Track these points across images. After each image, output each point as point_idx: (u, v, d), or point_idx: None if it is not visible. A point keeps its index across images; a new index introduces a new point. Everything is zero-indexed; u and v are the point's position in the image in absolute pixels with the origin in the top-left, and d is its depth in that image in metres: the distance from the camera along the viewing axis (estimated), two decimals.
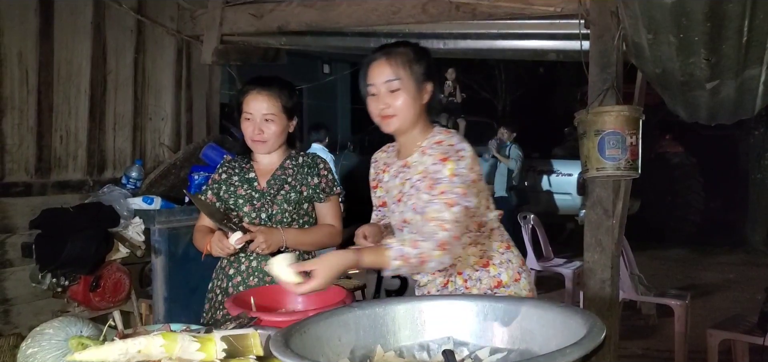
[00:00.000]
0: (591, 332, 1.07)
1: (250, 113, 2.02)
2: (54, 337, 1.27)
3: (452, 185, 1.55)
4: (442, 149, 1.61)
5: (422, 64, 1.66)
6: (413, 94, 1.64)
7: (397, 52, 1.65)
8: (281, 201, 2.02)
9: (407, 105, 1.64)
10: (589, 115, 2.62)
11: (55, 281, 2.99)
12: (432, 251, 1.49)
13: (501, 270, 1.69)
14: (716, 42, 1.90)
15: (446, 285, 1.69)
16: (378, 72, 1.65)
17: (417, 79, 1.64)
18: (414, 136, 1.69)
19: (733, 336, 3.37)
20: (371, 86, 1.67)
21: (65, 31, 3.27)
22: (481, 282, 1.68)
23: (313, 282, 1.43)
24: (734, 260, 7.64)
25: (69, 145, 3.35)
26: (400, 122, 1.66)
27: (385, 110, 1.65)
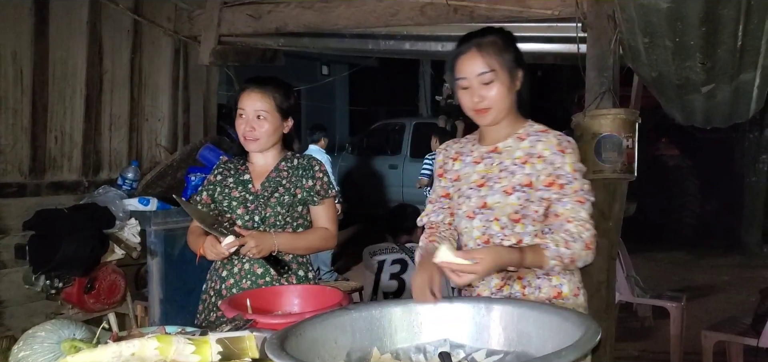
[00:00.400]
0: (587, 334, 1.08)
1: (242, 109, 2.01)
2: (46, 340, 1.26)
3: (579, 182, 1.57)
4: (556, 139, 1.59)
5: (511, 51, 1.59)
6: (507, 83, 1.57)
7: (488, 41, 1.57)
8: (275, 203, 2.01)
9: (502, 96, 1.57)
10: (585, 118, 2.62)
11: (49, 283, 2.97)
12: (581, 251, 1.52)
13: (563, 281, 1.62)
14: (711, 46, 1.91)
15: (502, 289, 1.62)
16: (469, 64, 1.57)
17: (509, 68, 1.58)
18: (506, 125, 1.63)
19: (727, 337, 3.38)
20: (463, 79, 1.59)
21: (61, 31, 3.26)
22: (540, 290, 1.61)
23: (477, 267, 1.40)
24: (729, 262, 7.67)
25: (64, 146, 3.33)
26: (496, 114, 1.59)
27: (480, 103, 1.58)
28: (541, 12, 2.83)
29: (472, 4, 2.95)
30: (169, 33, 3.80)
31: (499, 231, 1.60)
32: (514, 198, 1.58)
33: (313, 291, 1.84)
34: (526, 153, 1.60)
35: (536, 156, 1.59)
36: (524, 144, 1.61)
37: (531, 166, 1.58)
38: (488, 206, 1.60)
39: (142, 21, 3.63)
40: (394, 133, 9.68)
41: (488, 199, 1.60)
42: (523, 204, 1.58)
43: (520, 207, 1.58)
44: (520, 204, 1.58)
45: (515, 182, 1.59)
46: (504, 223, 1.59)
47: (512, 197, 1.58)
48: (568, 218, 1.54)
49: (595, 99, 2.65)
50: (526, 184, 1.58)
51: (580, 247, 1.52)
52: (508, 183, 1.59)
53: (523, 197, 1.57)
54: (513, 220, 1.59)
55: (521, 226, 1.59)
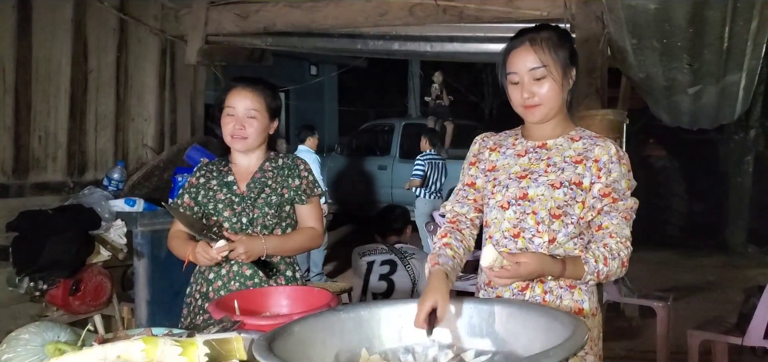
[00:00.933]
0: (574, 334, 1.08)
1: (232, 107, 1.98)
2: (30, 342, 1.23)
3: (630, 199, 1.55)
4: (615, 147, 1.55)
5: (566, 48, 1.55)
6: (560, 81, 1.52)
7: (542, 36, 1.54)
8: (262, 204, 1.99)
9: (554, 93, 1.52)
10: (573, 119, 2.63)
11: (33, 285, 2.92)
12: (617, 269, 1.51)
13: (585, 298, 1.57)
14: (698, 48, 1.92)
15: (524, 292, 1.57)
16: (521, 58, 1.53)
17: (563, 65, 1.53)
18: (556, 123, 1.59)
19: (712, 336, 3.42)
20: (513, 74, 1.55)
21: (44, 29, 3.21)
22: (561, 300, 1.56)
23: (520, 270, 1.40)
24: (715, 262, 7.76)
25: (48, 146, 3.29)
26: (547, 111, 1.54)
27: (530, 99, 1.54)
28: (530, 13, 2.84)
29: (461, 4, 2.96)
30: (155, 32, 3.77)
31: (533, 226, 1.54)
32: (561, 192, 1.52)
33: (301, 292, 1.83)
34: (580, 154, 1.55)
35: (592, 159, 1.53)
36: (577, 145, 1.56)
37: (585, 167, 1.53)
38: (528, 198, 1.55)
39: (129, 20, 3.60)
40: (383, 134, 9.67)
41: (530, 191, 1.55)
42: (568, 201, 1.53)
43: (565, 203, 1.53)
44: (565, 200, 1.52)
45: (564, 178, 1.53)
46: (541, 218, 1.54)
47: (559, 191, 1.52)
48: (612, 233, 1.52)
49: (582, 100, 2.67)
50: (575, 183, 1.53)
51: (617, 265, 1.50)
52: (557, 178, 1.54)
53: (570, 194, 1.53)
54: (553, 216, 1.53)
55: (559, 223, 1.53)
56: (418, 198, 6.86)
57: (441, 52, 3.42)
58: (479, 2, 2.93)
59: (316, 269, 6.13)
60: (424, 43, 3.38)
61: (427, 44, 3.37)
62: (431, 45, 3.36)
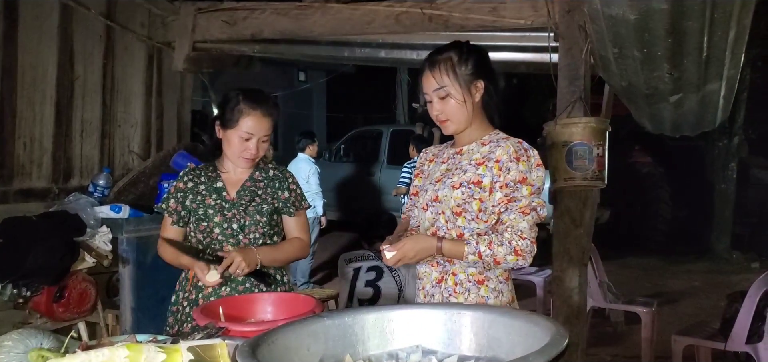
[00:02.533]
0: (553, 339, 1.09)
1: (250, 134, 1.98)
2: (13, 349, 1.23)
3: (525, 194, 1.64)
4: (513, 146, 1.67)
5: (468, 64, 1.70)
6: (462, 96, 1.69)
7: (440, 59, 1.71)
8: (253, 212, 2.01)
9: (457, 108, 1.70)
10: (557, 127, 2.67)
11: (17, 292, 2.89)
12: (507, 256, 1.62)
13: (490, 296, 1.71)
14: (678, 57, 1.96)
15: (440, 283, 1.74)
16: (426, 82, 1.73)
17: (464, 81, 1.69)
18: (472, 130, 1.75)
19: (696, 341, 3.46)
20: (425, 95, 1.74)
21: (30, 35, 3.20)
22: (469, 293, 1.71)
23: (397, 254, 1.65)
24: (700, 268, 7.84)
25: (33, 152, 3.27)
26: (456, 125, 1.73)
27: (439, 115, 1.73)
28: (514, 21, 2.88)
29: (446, 13, 2.99)
30: (142, 39, 3.76)
31: (444, 224, 1.71)
32: (459, 192, 1.68)
33: (286, 298, 1.83)
34: (484, 156, 1.69)
35: (494, 160, 1.67)
36: (484, 149, 1.71)
37: (485, 167, 1.67)
38: (439, 199, 1.72)
39: (115, 26, 3.59)
40: (371, 140, 9.68)
41: (439, 193, 1.72)
42: (466, 199, 1.67)
43: (463, 201, 1.68)
44: (463, 198, 1.68)
45: (464, 179, 1.69)
46: (448, 216, 1.70)
47: (457, 191, 1.68)
48: (508, 226, 1.64)
49: (566, 107, 2.71)
50: (473, 182, 1.68)
51: (506, 252, 1.62)
52: (458, 180, 1.69)
53: (468, 193, 1.67)
54: (455, 213, 1.69)
55: (462, 220, 1.68)
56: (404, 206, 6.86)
57: None
58: (464, 11, 2.97)
59: (303, 278, 6.10)
60: (410, 51, 3.40)
61: (414, 52, 3.40)
62: (417, 53, 3.38)
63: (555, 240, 2.81)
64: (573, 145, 2.59)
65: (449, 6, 3.00)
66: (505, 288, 1.74)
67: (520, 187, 1.64)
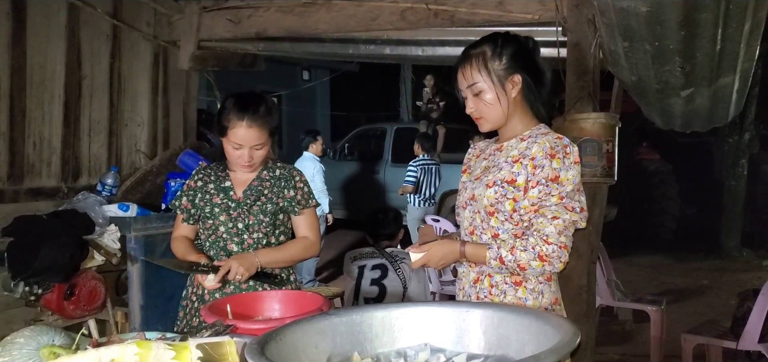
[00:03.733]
0: (565, 337, 1.08)
1: (238, 144, 1.97)
2: (25, 346, 1.24)
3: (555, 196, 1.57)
4: (550, 142, 1.58)
5: (503, 58, 1.62)
6: (495, 93, 1.62)
7: (472, 55, 1.65)
8: (257, 211, 2.01)
9: (492, 105, 1.63)
10: (565, 122, 2.65)
11: (28, 289, 2.91)
12: (531, 261, 1.56)
13: (529, 297, 1.64)
14: (690, 50, 1.93)
15: (476, 283, 1.70)
16: (460, 79, 1.68)
17: (498, 76, 1.62)
18: (513, 125, 1.67)
19: (706, 340, 3.43)
20: (460, 92, 1.70)
21: (39, 35, 3.21)
22: (505, 295, 1.65)
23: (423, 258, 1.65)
24: (709, 266, 7.78)
25: (42, 152, 3.28)
26: (491, 122, 1.67)
27: (474, 113, 1.67)
28: (521, 16, 2.86)
29: (452, 8, 2.97)
30: (148, 38, 3.77)
31: (480, 224, 1.67)
32: (492, 191, 1.62)
33: (293, 296, 1.83)
34: (521, 153, 1.62)
35: (529, 157, 1.59)
36: (523, 145, 1.63)
37: (521, 165, 1.60)
38: (475, 198, 1.67)
39: (122, 26, 3.59)
40: (375, 138, 9.68)
41: (476, 191, 1.67)
42: (499, 199, 1.61)
43: (496, 201, 1.61)
44: (495, 198, 1.61)
45: (499, 177, 1.62)
46: (483, 216, 1.65)
47: (490, 190, 1.62)
48: (534, 230, 1.58)
49: (574, 103, 2.68)
50: (508, 181, 1.61)
51: (530, 258, 1.56)
52: (492, 178, 1.63)
53: (501, 192, 1.61)
54: (489, 213, 1.63)
55: (495, 220, 1.63)
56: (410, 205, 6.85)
57: (432, 56, 3.42)
58: (470, 6, 2.95)
59: (309, 276, 6.11)
60: (415, 47, 3.38)
61: (419, 48, 3.38)
62: (423, 49, 3.37)
63: None
64: (582, 140, 2.56)
65: (455, 1, 2.98)
66: (546, 288, 1.66)
67: (551, 186, 1.57)
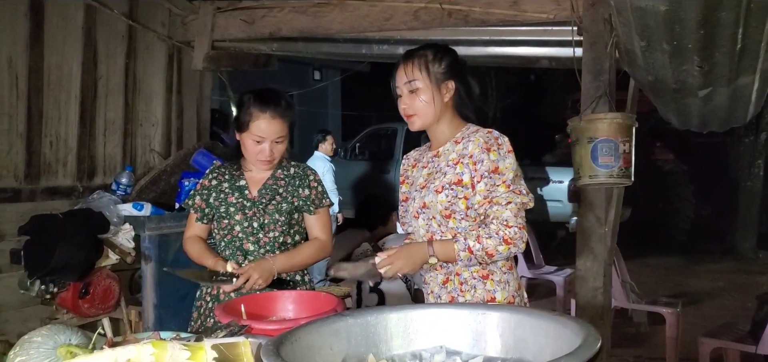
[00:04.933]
0: (586, 341, 1.06)
1: (261, 137, 1.98)
2: (42, 345, 1.24)
3: (502, 183, 1.67)
4: (483, 137, 1.70)
5: (442, 64, 1.76)
6: (431, 93, 1.74)
7: (415, 55, 1.77)
8: (273, 211, 2.01)
9: (426, 104, 1.75)
10: (581, 123, 2.62)
11: (44, 288, 2.94)
12: (497, 246, 1.64)
13: (497, 288, 1.74)
14: (709, 49, 1.91)
15: (445, 284, 1.77)
16: (399, 75, 1.78)
17: (436, 79, 1.75)
18: (442, 130, 1.79)
19: (725, 344, 3.38)
20: (397, 88, 1.80)
21: (56, 36, 3.24)
22: (475, 290, 1.74)
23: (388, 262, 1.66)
24: (724, 268, 7.69)
25: (59, 151, 3.31)
26: (422, 121, 1.78)
27: (407, 110, 1.78)
28: (536, 16, 2.83)
29: (466, 8, 2.95)
30: (162, 38, 3.79)
31: (437, 228, 1.74)
32: (443, 195, 1.71)
33: (307, 296, 1.83)
34: (459, 154, 1.73)
35: (468, 155, 1.70)
36: (459, 146, 1.74)
37: (462, 165, 1.70)
38: (426, 205, 1.75)
39: (137, 26, 3.62)
40: (386, 138, 9.67)
41: (426, 199, 1.75)
42: (452, 201, 1.70)
43: (449, 203, 1.71)
44: (448, 201, 1.71)
45: (445, 181, 1.72)
46: (439, 221, 1.73)
47: (442, 195, 1.71)
48: (493, 218, 1.66)
49: (590, 103, 2.65)
50: (455, 182, 1.71)
51: (496, 243, 1.64)
52: (440, 183, 1.73)
53: (451, 194, 1.71)
54: (444, 216, 1.72)
55: (453, 221, 1.72)
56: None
57: None
58: (484, 6, 2.92)
59: (319, 275, 6.11)
60: None
61: None
62: None
63: (579, 239, 2.76)
64: (598, 141, 2.54)
65: (469, 1, 2.96)
66: (510, 277, 1.78)
67: (494, 177, 1.67)
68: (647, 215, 8.94)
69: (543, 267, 5.49)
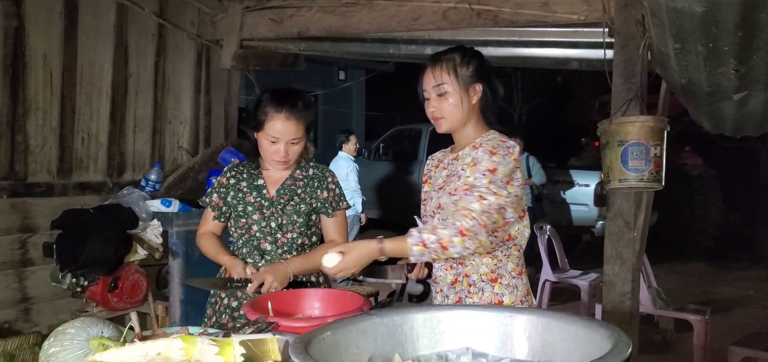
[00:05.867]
0: (616, 347, 1.04)
1: (275, 137, 1.96)
2: (76, 337, 1.27)
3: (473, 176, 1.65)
4: (494, 142, 1.71)
5: (470, 67, 1.76)
6: (459, 96, 1.74)
7: (443, 58, 1.77)
8: (291, 211, 2.01)
9: (453, 108, 1.75)
10: (612, 126, 2.58)
11: (75, 281, 3.01)
12: (452, 237, 1.56)
13: (505, 292, 1.74)
14: (746, 52, 1.86)
15: (454, 284, 1.77)
16: (427, 78, 1.78)
17: (463, 83, 1.75)
18: (467, 133, 1.80)
19: (756, 354, 3.29)
20: (424, 91, 1.80)
21: (89, 34, 3.32)
22: (483, 293, 1.74)
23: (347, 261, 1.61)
24: (754, 275, 7.48)
25: (90, 147, 3.39)
26: (449, 124, 1.78)
27: (435, 113, 1.78)
28: (567, 17, 2.79)
29: (495, 8, 2.93)
30: (192, 37, 3.85)
31: None
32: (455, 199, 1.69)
33: (333, 295, 1.84)
34: (473, 159, 1.72)
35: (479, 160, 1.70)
36: (474, 151, 1.73)
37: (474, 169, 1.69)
38: (441, 206, 1.75)
39: (167, 25, 3.68)
40: (410, 139, 9.66)
41: (441, 200, 1.75)
42: None
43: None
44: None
45: (459, 184, 1.70)
46: None
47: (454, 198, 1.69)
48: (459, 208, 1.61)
49: (621, 106, 2.61)
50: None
51: (451, 233, 1.56)
52: (454, 186, 1.71)
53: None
54: None
55: None
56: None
57: None
58: (514, 6, 2.90)
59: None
60: None
61: None
62: None
63: (607, 243, 2.71)
64: (629, 144, 2.49)
65: (498, 1, 2.94)
66: (519, 282, 1.77)
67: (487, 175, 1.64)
68: (675, 220, 8.76)
69: (568, 270, 5.42)
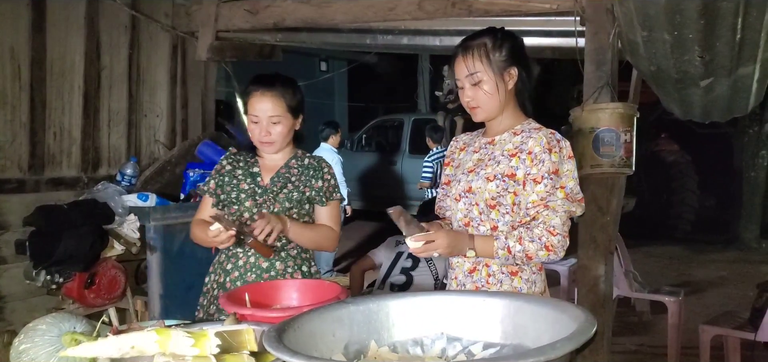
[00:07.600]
0: (582, 326, 1.08)
1: (256, 116, 2.00)
2: (47, 333, 1.26)
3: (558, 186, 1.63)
4: (546, 136, 1.65)
5: (503, 51, 1.67)
6: (494, 83, 1.67)
7: (474, 45, 1.68)
8: (283, 199, 2.03)
9: (489, 96, 1.68)
10: (584, 113, 2.63)
11: (50, 278, 2.97)
12: (538, 251, 1.62)
13: (524, 287, 1.71)
14: (710, 40, 1.91)
15: (472, 273, 1.73)
16: (459, 68, 1.71)
17: (498, 68, 1.67)
18: (503, 119, 1.73)
19: (724, 331, 3.39)
20: (458, 81, 1.73)
21: (58, 26, 3.25)
22: (501, 284, 1.71)
23: (428, 244, 1.60)
24: (728, 257, 7.67)
25: (63, 142, 3.34)
26: (486, 113, 1.72)
27: (470, 102, 1.71)
28: (540, 6, 2.83)
29: None
30: (166, 28, 3.80)
31: (478, 216, 1.70)
32: (494, 185, 1.67)
33: (311, 285, 1.85)
34: (517, 147, 1.67)
35: (526, 151, 1.65)
36: (517, 139, 1.69)
37: (518, 159, 1.66)
38: (472, 190, 1.70)
39: (140, 16, 3.63)
40: (392, 130, 9.67)
41: (473, 184, 1.70)
42: (501, 193, 1.66)
43: (498, 194, 1.66)
44: (497, 191, 1.66)
45: (498, 171, 1.67)
46: (482, 208, 1.69)
47: (492, 184, 1.67)
48: (541, 222, 1.63)
49: (593, 93, 2.66)
50: (508, 174, 1.66)
51: (537, 248, 1.61)
52: (492, 171, 1.68)
53: (502, 186, 1.66)
54: (489, 206, 1.68)
55: (496, 213, 1.67)
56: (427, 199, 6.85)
57: (450, 46, 3.37)
58: None
59: (327, 266, 6.14)
60: (432, 37, 3.36)
61: (436, 38, 3.36)
62: (440, 39, 3.35)
63: (581, 229, 2.77)
64: (600, 131, 2.54)
65: None
66: (538, 278, 1.74)
67: (554, 180, 1.63)
68: (651, 205, 8.92)
69: None
